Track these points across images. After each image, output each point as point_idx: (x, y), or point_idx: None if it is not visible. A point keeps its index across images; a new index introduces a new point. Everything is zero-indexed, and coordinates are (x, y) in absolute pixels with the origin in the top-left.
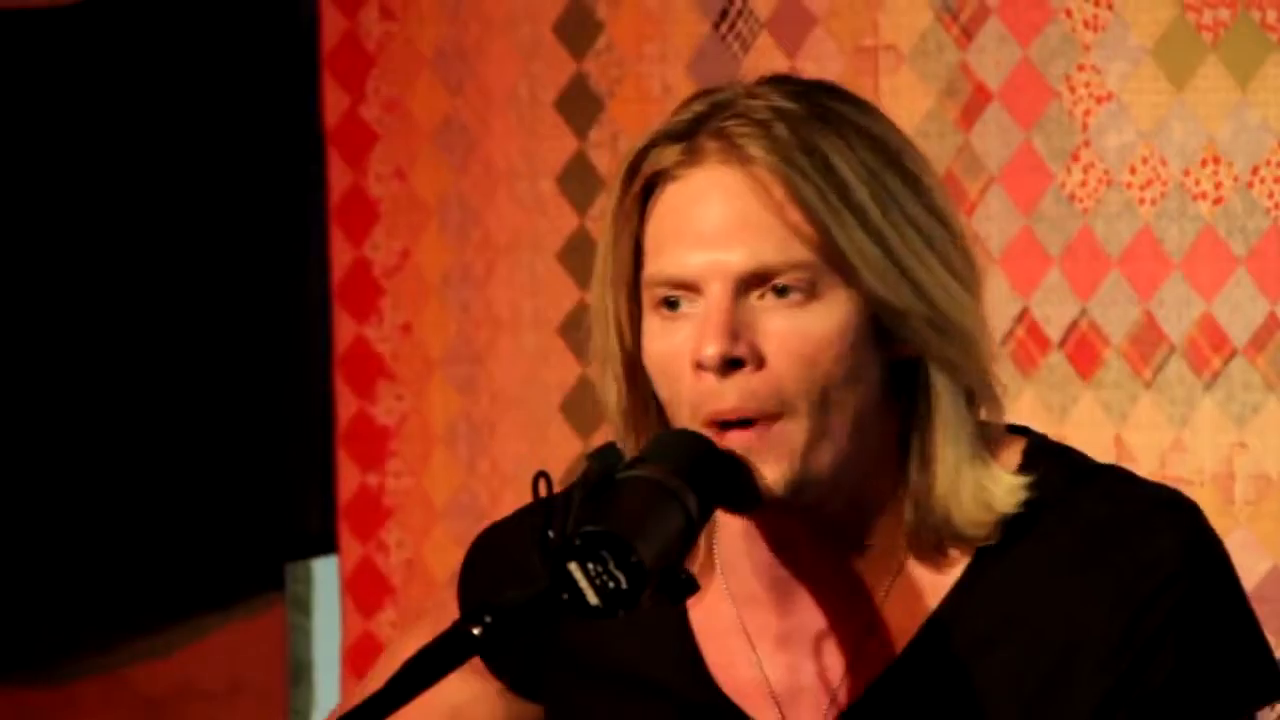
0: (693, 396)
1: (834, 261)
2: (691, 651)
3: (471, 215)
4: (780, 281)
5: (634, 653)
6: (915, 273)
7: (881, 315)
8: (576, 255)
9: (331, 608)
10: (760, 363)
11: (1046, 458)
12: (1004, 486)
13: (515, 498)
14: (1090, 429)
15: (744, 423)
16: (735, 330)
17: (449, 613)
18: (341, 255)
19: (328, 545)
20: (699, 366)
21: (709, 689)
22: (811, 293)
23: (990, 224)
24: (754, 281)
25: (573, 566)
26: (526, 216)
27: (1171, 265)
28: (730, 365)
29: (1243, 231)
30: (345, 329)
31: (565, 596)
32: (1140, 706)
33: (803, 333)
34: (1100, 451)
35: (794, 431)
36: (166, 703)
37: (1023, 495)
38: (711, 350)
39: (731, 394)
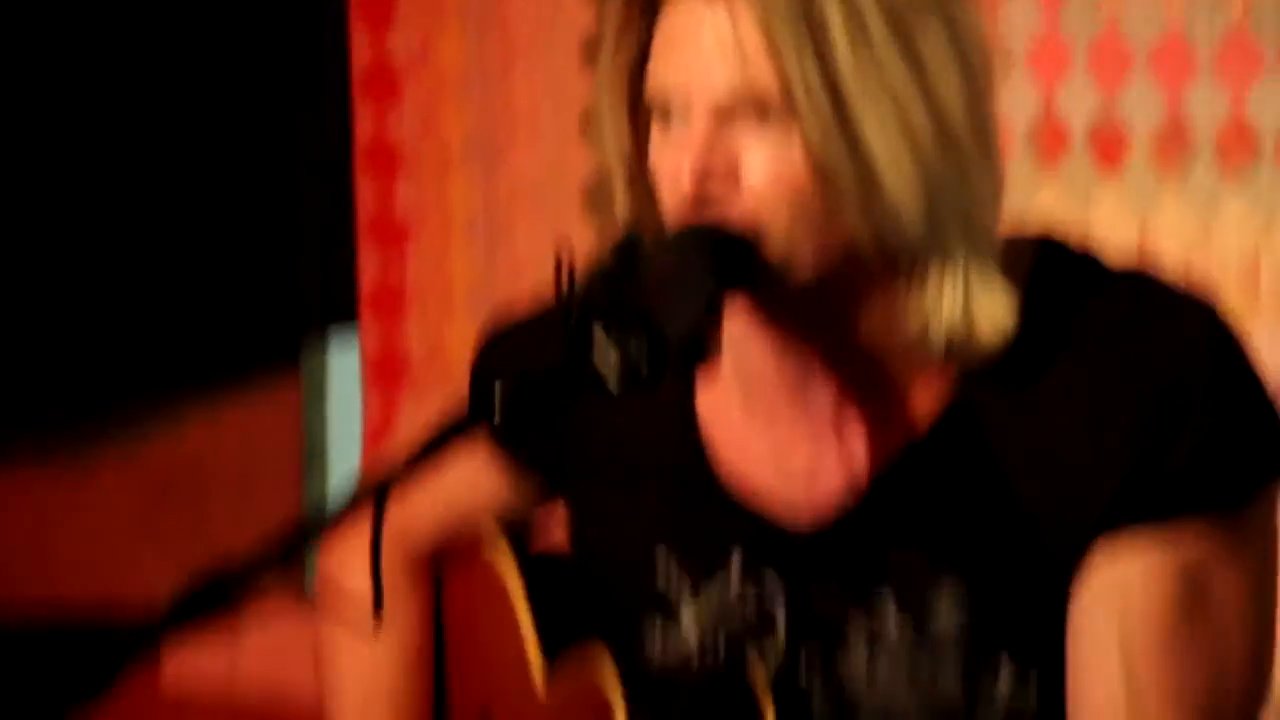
0: (677, 214)
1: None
2: (695, 438)
3: (491, 11)
4: (763, 104)
5: (639, 439)
6: (864, 139)
7: (813, 170)
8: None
9: (348, 394)
10: (738, 188)
11: (1067, 261)
12: (998, 308)
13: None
14: (1113, 224)
15: None
16: (712, 157)
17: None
18: (361, 50)
19: (347, 331)
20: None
21: (712, 476)
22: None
23: (1013, 22)
24: (736, 106)
25: (596, 329)
26: (548, 10)
27: (1199, 64)
28: (706, 192)
29: (1275, 30)
30: (366, 122)
31: (588, 364)
32: (1164, 482)
33: (782, 159)
34: (1124, 246)
35: (774, 248)
36: (180, 485)
37: (1013, 317)
38: (685, 179)
39: (712, 214)
